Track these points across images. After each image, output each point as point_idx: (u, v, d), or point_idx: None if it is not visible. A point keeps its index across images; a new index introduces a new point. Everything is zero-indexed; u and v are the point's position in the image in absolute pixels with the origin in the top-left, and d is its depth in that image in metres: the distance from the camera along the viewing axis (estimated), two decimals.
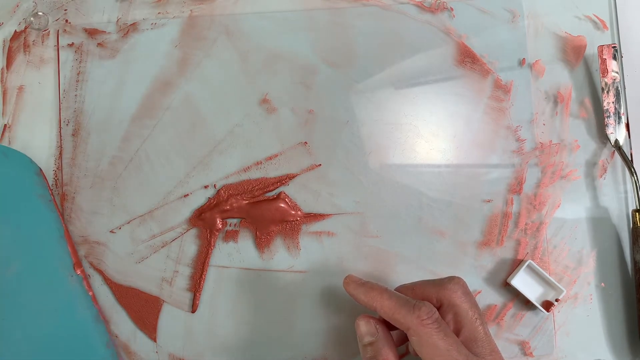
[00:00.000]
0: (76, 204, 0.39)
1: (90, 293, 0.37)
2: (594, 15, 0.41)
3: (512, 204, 0.39)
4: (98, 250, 0.39)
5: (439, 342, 0.28)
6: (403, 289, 0.33)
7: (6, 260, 0.34)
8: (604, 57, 0.39)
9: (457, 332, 0.31)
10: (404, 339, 0.35)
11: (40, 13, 0.41)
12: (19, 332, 0.34)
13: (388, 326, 0.32)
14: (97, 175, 0.39)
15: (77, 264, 0.37)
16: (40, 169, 0.39)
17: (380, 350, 0.30)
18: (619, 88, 0.39)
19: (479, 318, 0.31)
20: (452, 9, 0.41)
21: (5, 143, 0.40)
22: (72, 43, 0.40)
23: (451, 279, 0.32)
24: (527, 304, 0.39)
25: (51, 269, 0.36)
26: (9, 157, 0.38)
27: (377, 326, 0.31)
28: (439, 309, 0.31)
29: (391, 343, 0.31)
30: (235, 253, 0.39)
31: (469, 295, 0.32)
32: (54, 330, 0.35)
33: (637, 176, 0.39)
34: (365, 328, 0.31)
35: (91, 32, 0.40)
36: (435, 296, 0.32)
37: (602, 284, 0.40)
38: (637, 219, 0.38)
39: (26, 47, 0.40)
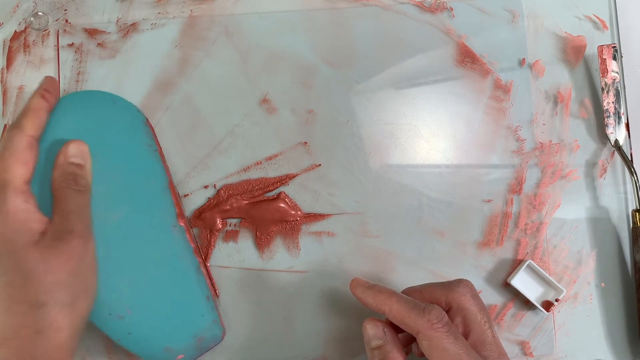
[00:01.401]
0: None
1: (193, 245, 0.37)
2: (594, 15, 0.41)
3: (512, 204, 0.39)
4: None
5: (449, 346, 0.28)
6: (410, 292, 0.33)
7: (113, 206, 0.34)
8: (604, 57, 0.39)
9: (466, 335, 0.31)
10: (409, 342, 0.35)
11: (40, 13, 0.41)
12: (123, 278, 0.33)
13: (395, 329, 0.32)
14: None
15: (180, 214, 0.37)
16: (147, 119, 0.39)
17: (388, 354, 0.30)
18: (619, 88, 0.39)
19: (487, 321, 0.31)
20: (452, 9, 0.41)
21: None
22: (72, 43, 0.40)
23: (460, 281, 0.32)
24: (527, 304, 0.39)
25: (156, 217, 0.36)
26: (118, 105, 0.38)
27: (385, 329, 0.31)
28: (447, 312, 0.31)
29: (399, 346, 0.31)
30: (235, 253, 0.39)
31: (477, 298, 0.32)
32: (157, 278, 0.34)
33: (637, 176, 0.39)
34: (372, 331, 0.31)
35: (91, 32, 0.40)
36: (444, 299, 0.31)
37: (602, 284, 0.40)
38: (637, 219, 0.38)
39: (26, 47, 0.40)
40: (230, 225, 0.39)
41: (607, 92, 0.39)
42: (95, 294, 0.32)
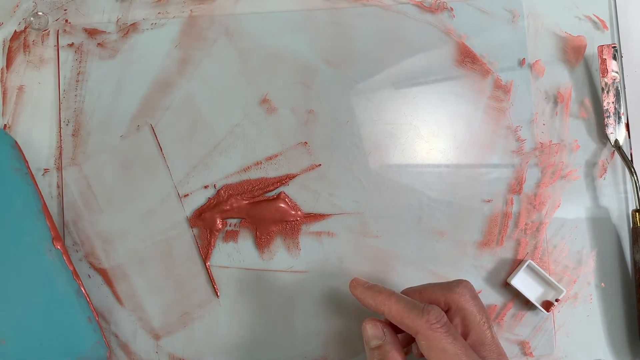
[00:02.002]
0: (77, 204, 0.39)
1: (71, 268, 0.37)
2: (594, 15, 0.41)
3: (512, 204, 0.39)
4: (99, 249, 0.39)
5: (448, 346, 0.28)
6: (410, 292, 0.33)
7: None
8: (604, 57, 0.39)
9: (465, 336, 0.31)
10: (409, 342, 0.35)
11: (40, 13, 0.41)
12: None
13: (395, 329, 0.32)
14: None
15: (57, 238, 0.37)
16: (16, 142, 0.38)
17: (388, 354, 0.30)
18: (619, 88, 0.39)
19: (486, 322, 0.31)
20: (452, 9, 0.41)
21: None
22: (72, 43, 0.40)
23: (459, 282, 0.32)
24: (527, 304, 0.39)
25: (28, 242, 0.35)
26: None
27: (385, 329, 0.31)
28: (446, 312, 0.31)
29: (398, 346, 0.31)
30: (235, 253, 0.39)
31: (476, 298, 0.32)
32: (31, 304, 0.34)
33: (637, 176, 0.39)
34: (372, 331, 0.31)
35: (91, 32, 0.40)
36: (443, 299, 0.32)
37: (602, 284, 0.40)
38: (637, 219, 0.38)
39: (26, 47, 0.40)
40: (230, 225, 0.39)
41: (607, 92, 0.39)
42: None
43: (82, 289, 0.37)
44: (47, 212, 0.37)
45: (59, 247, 0.36)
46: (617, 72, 0.39)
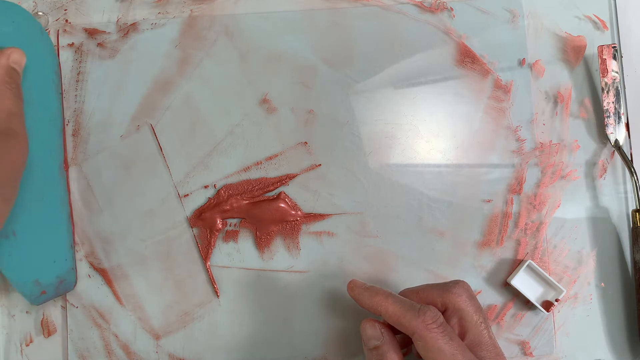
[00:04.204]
0: (76, 204, 0.39)
1: (68, 192, 0.39)
2: (594, 15, 0.41)
3: (512, 204, 0.39)
4: (99, 249, 0.39)
5: (444, 347, 0.28)
6: (407, 293, 0.33)
7: None
8: (604, 57, 0.39)
9: (462, 336, 0.31)
10: (407, 342, 0.35)
11: (40, 13, 0.41)
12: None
13: (393, 330, 0.32)
14: None
15: (66, 161, 0.39)
16: (60, 64, 0.40)
17: (386, 354, 0.30)
18: (619, 88, 0.39)
19: (483, 322, 0.31)
20: (452, 9, 0.41)
21: None
22: (72, 43, 0.40)
23: (456, 282, 0.32)
24: (527, 304, 0.39)
25: (48, 156, 0.37)
26: (43, 36, 0.38)
27: (383, 330, 0.31)
28: (443, 313, 0.31)
29: (396, 347, 0.31)
30: (235, 253, 0.39)
31: (473, 299, 0.32)
32: (37, 213, 0.36)
33: (637, 176, 0.39)
34: (370, 332, 0.31)
35: (91, 32, 0.40)
36: (440, 300, 0.32)
37: (602, 284, 0.40)
38: (637, 219, 0.38)
39: None
40: (230, 225, 0.39)
41: (607, 92, 0.39)
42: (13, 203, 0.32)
43: (72, 217, 0.39)
44: (65, 135, 0.39)
45: (66, 169, 0.39)
46: (617, 72, 0.39)
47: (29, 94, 0.35)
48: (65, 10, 0.41)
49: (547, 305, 0.38)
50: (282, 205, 0.39)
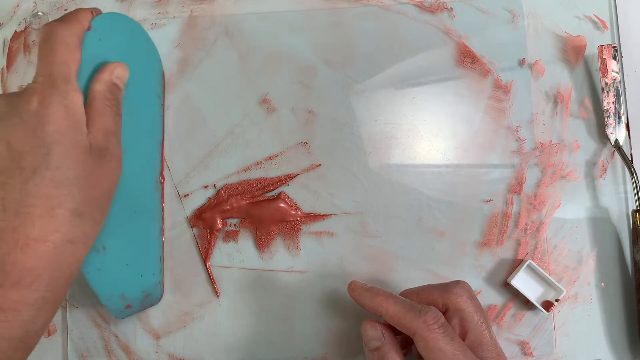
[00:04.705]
0: None
1: (163, 204, 0.39)
2: (594, 15, 0.41)
3: (512, 204, 0.39)
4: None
5: (446, 347, 0.28)
6: (408, 294, 0.33)
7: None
8: (604, 57, 0.39)
9: (463, 337, 0.31)
10: (408, 343, 0.35)
11: (40, 13, 0.41)
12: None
13: (394, 331, 0.32)
14: None
15: (162, 173, 0.39)
16: (164, 72, 0.40)
17: (387, 355, 0.30)
18: (619, 88, 0.39)
19: (484, 322, 0.31)
20: (452, 9, 0.41)
21: None
22: None
23: (457, 283, 0.32)
24: (527, 304, 0.39)
25: (145, 168, 0.37)
26: (149, 46, 0.38)
27: (383, 331, 0.31)
28: (444, 313, 0.31)
29: (397, 347, 0.31)
30: (235, 253, 0.39)
31: (474, 299, 0.32)
32: (129, 226, 0.35)
33: (637, 176, 0.39)
34: (371, 333, 0.31)
35: None
36: (440, 301, 0.32)
37: (602, 284, 0.40)
38: (637, 219, 0.38)
39: (26, 47, 0.40)
40: (230, 225, 0.39)
41: (607, 92, 0.39)
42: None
43: (163, 231, 0.39)
44: (163, 147, 0.39)
45: (162, 182, 0.39)
46: (617, 72, 0.39)
47: (133, 106, 0.34)
48: (65, 10, 0.41)
49: (547, 305, 0.38)
50: (282, 205, 0.39)
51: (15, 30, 0.40)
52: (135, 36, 0.36)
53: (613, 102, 0.39)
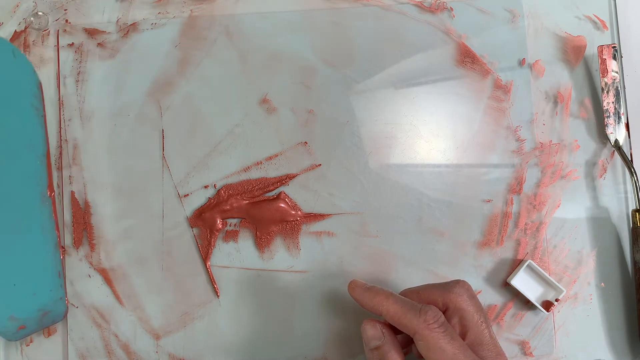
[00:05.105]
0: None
1: (55, 219, 0.37)
2: (594, 15, 0.41)
3: (512, 204, 0.39)
4: (99, 249, 0.39)
5: (446, 346, 0.28)
6: (408, 293, 0.33)
7: None
8: (604, 57, 0.39)
9: (463, 336, 0.31)
10: (408, 342, 0.35)
11: (40, 13, 0.41)
12: None
13: (394, 330, 0.32)
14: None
15: (50, 186, 0.37)
16: (41, 83, 0.39)
17: (387, 354, 0.30)
18: (619, 88, 0.39)
19: (484, 321, 0.31)
20: (452, 9, 0.41)
21: None
22: (72, 43, 0.40)
23: (457, 282, 0.32)
24: (527, 304, 0.39)
25: (26, 182, 0.36)
26: (17, 59, 0.37)
27: (384, 330, 0.31)
28: (444, 312, 0.31)
29: (397, 347, 0.31)
30: (235, 253, 0.39)
31: (474, 298, 0.32)
32: (11, 245, 0.34)
33: (637, 176, 0.39)
34: (371, 332, 0.31)
35: (91, 32, 0.40)
36: (440, 300, 0.32)
37: (602, 284, 0.40)
38: (637, 219, 0.38)
39: (26, 47, 0.40)
40: (230, 225, 0.39)
41: (607, 92, 0.39)
42: None
43: (60, 243, 0.38)
44: (49, 160, 0.38)
45: (50, 195, 0.37)
46: (617, 72, 0.39)
47: (3, 119, 0.34)
48: (65, 10, 0.41)
49: (547, 305, 0.38)
50: (282, 205, 0.39)
51: (15, 30, 0.40)
52: None
53: (613, 102, 0.39)
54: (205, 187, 0.39)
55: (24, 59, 0.38)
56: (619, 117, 0.39)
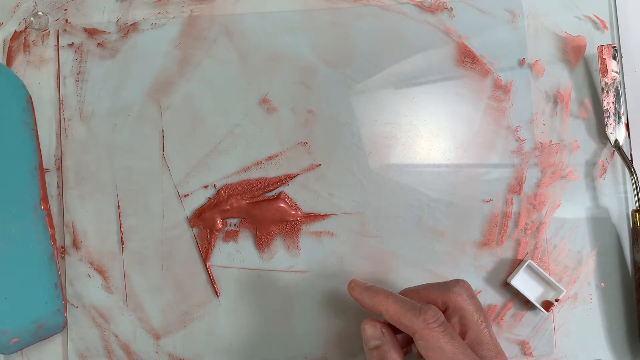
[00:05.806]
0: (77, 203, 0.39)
1: (51, 231, 0.37)
2: (594, 15, 0.41)
3: (512, 204, 0.39)
4: (99, 250, 0.39)
5: (446, 346, 0.28)
6: (408, 292, 0.33)
7: None
8: (604, 57, 0.39)
9: (463, 335, 0.31)
10: (408, 342, 0.35)
11: (40, 13, 0.41)
12: None
13: (394, 330, 0.32)
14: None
15: (44, 199, 0.37)
16: (30, 97, 0.39)
17: (387, 354, 0.30)
18: (619, 88, 0.39)
19: (484, 321, 0.31)
20: (452, 9, 0.41)
21: None
22: (72, 43, 0.40)
23: (456, 282, 0.32)
24: (527, 304, 0.39)
25: (19, 195, 0.36)
26: (4, 75, 0.38)
27: (383, 330, 0.31)
28: (444, 312, 0.31)
29: (397, 346, 0.31)
30: (235, 253, 0.39)
31: (474, 298, 0.32)
32: (7, 256, 0.35)
33: (637, 176, 0.39)
34: (371, 332, 0.31)
35: (91, 32, 0.40)
36: (440, 299, 0.32)
37: (602, 284, 0.40)
38: (637, 219, 0.38)
39: (26, 47, 0.40)
40: (230, 225, 0.39)
41: (607, 92, 0.39)
42: None
43: (56, 255, 0.38)
44: (42, 172, 0.38)
45: (44, 208, 0.37)
46: (617, 72, 0.39)
47: None
48: (65, 10, 0.41)
49: (547, 305, 0.38)
50: (282, 205, 0.39)
51: (15, 30, 0.40)
52: None
53: (613, 102, 0.39)
54: (205, 187, 0.39)
55: (11, 74, 0.38)
56: (619, 117, 0.39)
